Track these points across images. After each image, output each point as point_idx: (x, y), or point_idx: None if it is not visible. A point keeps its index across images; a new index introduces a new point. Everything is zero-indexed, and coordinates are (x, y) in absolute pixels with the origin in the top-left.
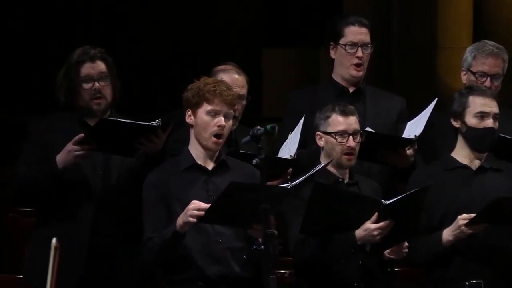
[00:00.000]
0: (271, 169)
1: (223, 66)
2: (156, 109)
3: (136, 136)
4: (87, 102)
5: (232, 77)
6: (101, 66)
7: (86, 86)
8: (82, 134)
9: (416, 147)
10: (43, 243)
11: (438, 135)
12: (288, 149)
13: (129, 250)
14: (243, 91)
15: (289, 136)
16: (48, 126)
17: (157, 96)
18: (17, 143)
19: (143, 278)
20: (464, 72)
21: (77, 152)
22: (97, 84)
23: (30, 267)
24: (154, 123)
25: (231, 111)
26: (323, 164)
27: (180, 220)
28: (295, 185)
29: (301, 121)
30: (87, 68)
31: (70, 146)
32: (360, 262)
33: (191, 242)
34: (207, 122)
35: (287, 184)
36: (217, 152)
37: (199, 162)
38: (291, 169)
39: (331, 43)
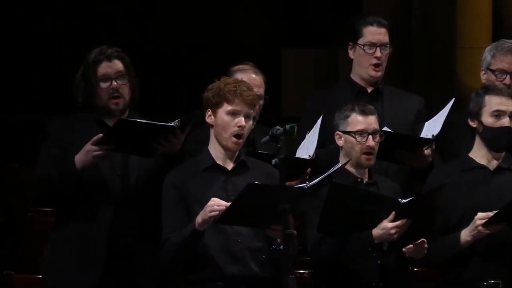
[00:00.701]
0: (290, 169)
1: (240, 66)
2: (176, 109)
3: (155, 136)
4: (105, 101)
5: (249, 77)
6: (118, 65)
7: (104, 85)
8: (101, 135)
9: (433, 147)
10: (61, 243)
11: (457, 135)
12: (306, 149)
13: (148, 250)
14: (261, 91)
15: (307, 136)
16: (67, 126)
17: (176, 96)
18: (37, 143)
19: (162, 278)
20: (483, 72)
21: (96, 153)
22: (114, 83)
23: (48, 267)
24: (172, 124)
25: (252, 111)
26: (340, 164)
27: (199, 218)
28: (313, 185)
29: (319, 121)
30: (104, 68)
31: (88, 146)
32: (379, 261)
33: (210, 241)
34: (227, 122)
35: (305, 184)
36: (237, 152)
37: (219, 162)
38: (309, 169)
39: (350, 43)
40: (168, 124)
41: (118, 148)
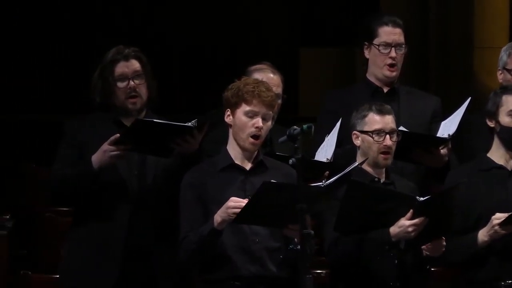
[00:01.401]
0: (308, 172)
1: (258, 66)
2: (194, 108)
3: (172, 136)
4: (122, 101)
5: (267, 76)
6: (135, 65)
7: (121, 85)
8: (118, 135)
9: (450, 146)
10: (78, 243)
11: (475, 135)
12: (325, 152)
13: (165, 250)
14: (278, 90)
15: (326, 139)
16: (84, 126)
17: (194, 95)
18: (54, 143)
19: (180, 277)
20: (500, 72)
21: (113, 153)
22: (131, 83)
23: (65, 267)
24: (190, 124)
25: (270, 112)
26: (357, 163)
27: (218, 217)
28: (329, 184)
29: (338, 124)
30: (121, 67)
31: (105, 146)
32: (396, 261)
33: (228, 241)
34: (245, 122)
35: (321, 183)
36: (255, 153)
37: (237, 162)
38: (328, 172)
39: (365, 43)
40: (185, 124)
41: (135, 148)
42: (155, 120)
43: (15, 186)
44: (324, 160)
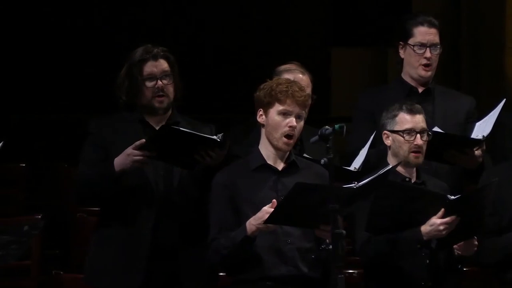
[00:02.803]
0: (337, 179)
1: (286, 66)
2: (225, 108)
3: (197, 147)
4: (149, 100)
5: (296, 77)
6: (164, 64)
7: (149, 84)
8: (143, 140)
9: (484, 147)
10: (104, 244)
11: (508, 136)
12: (355, 161)
13: (191, 250)
14: (308, 90)
15: (361, 152)
16: (109, 126)
17: (224, 95)
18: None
19: (205, 277)
20: None
21: (136, 157)
22: (159, 82)
23: (90, 267)
24: (216, 137)
25: (303, 111)
26: (390, 166)
27: (252, 226)
28: (362, 185)
29: (371, 137)
30: (150, 67)
31: (129, 150)
32: (427, 261)
33: (260, 242)
34: (279, 122)
35: (353, 184)
36: (288, 153)
37: (269, 162)
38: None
39: (400, 42)
40: (212, 137)
41: (160, 156)
42: (181, 129)
43: (47, 186)
44: (352, 169)
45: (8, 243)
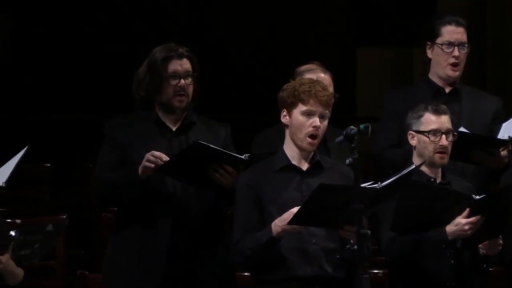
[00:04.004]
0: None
1: (308, 66)
2: (249, 108)
3: (216, 163)
4: (169, 98)
5: (318, 76)
6: (187, 64)
7: (173, 82)
8: (167, 159)
9: (510, 148)
10: (122, 245)
11: None
12: None
13: (208, 252)
14: (330, 90)
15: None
16: (124, 126)
17: (247, 94)
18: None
19: (222, 279)
20: None
21: (147, 163)
22: (182, 82)
23: (108, 268)
24: (243, 157)
25: (327, 111)
26: (414, 166)
27: (278, 227)
28: (385, 185)
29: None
30: (174, 65)
31: (147, 163)
32: (452, 261)
33: (285, 242)
34: (302, 122)
35: (376, 185)
36: (312, 153)
37: (294, 162)
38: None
39: (428, 42)
40: (239, 156)
41: (175, 174)
42: (211, 146)
43: (72, 186)
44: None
45: (33, 243)
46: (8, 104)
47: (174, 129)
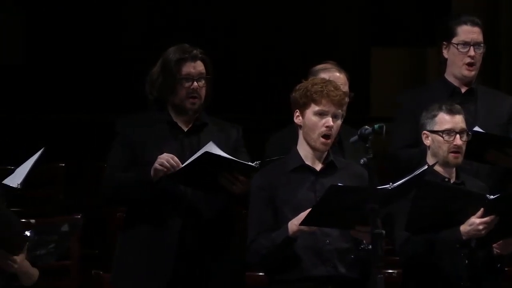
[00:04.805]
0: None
1: (322, 65)
2: (263, 108)
3: (231, 171)
4: (182, 100)
5: (333, 75)
6: (201, 66)
7: (186, 84)
8: (180, 166)
9: None
10: (130, 245)
11: None
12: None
13: (217, 252)
14: (345, 88)
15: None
16: (136, 126)
17: (263, 94)
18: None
19: (231, 279)
20: None
21: (159, 167)
22: (195, 84)
23: (117, 268)
24: (253, 164)
25: (340, 111)
26: (426, 166)
27: (294, 227)
28: (397, 186)
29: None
30: (188, 67)
31: (159, 167)
32: (466, 261)
33: (299, 242)
34: (315, 122)
35: (388, 185)
36: (326, 153)
37: (308, 162)
38: None
39: (444, 42)
40: (250, 163)
41: (186, 182)
42: (222, 155)
43: (86, 185)
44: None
45: (48, 243)
46: (22, 104)
47: (185, 130)
